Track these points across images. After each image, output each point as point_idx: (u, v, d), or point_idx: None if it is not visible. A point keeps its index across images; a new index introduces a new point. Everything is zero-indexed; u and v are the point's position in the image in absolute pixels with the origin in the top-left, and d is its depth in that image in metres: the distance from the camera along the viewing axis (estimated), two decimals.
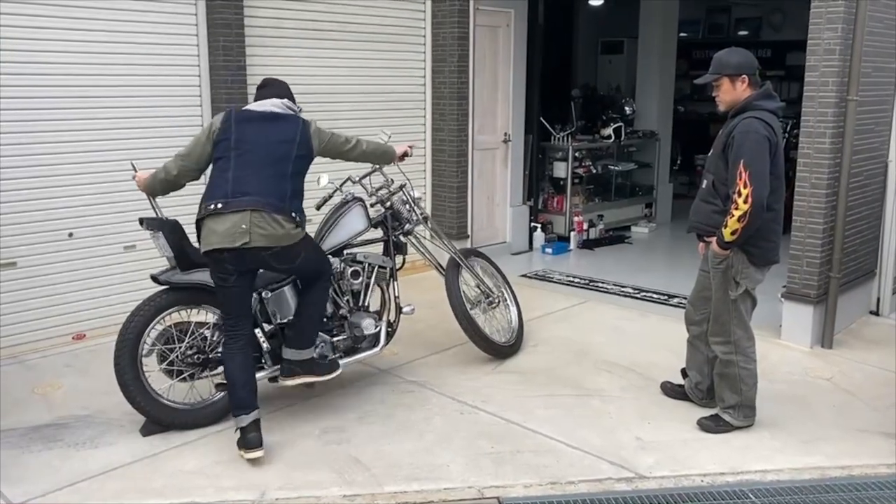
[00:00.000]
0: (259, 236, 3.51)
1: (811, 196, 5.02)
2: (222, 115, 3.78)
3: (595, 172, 8.88)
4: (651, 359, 4.91)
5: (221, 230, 3.51)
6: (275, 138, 3.68)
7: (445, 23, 7.00)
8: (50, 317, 5.07)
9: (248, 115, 3.76)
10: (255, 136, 3.66)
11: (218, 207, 3.53)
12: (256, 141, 3.65)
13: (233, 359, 3.70)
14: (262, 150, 3.64)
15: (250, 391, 3.70)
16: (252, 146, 3.64)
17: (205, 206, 3.59)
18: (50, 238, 5.02)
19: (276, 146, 3.67)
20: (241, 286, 3.68)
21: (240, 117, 3.73)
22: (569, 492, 3.41)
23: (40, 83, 4.87)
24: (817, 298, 5.10)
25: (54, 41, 4.89)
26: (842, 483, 3.49)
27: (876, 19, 5.13)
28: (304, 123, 3.80)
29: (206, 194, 3.64)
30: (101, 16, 5.05)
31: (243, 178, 3.58)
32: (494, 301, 5.01)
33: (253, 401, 3.68)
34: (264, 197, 3.54)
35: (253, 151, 3.63)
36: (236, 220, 3.50)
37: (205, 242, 3.59)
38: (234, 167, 3.60)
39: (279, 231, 3.56)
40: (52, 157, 4.97)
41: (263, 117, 3.74)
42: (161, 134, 5.36)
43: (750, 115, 3.66)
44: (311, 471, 3.55)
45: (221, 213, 3.52)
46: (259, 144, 3.65)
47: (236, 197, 3.53)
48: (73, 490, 3.37)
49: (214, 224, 3.53)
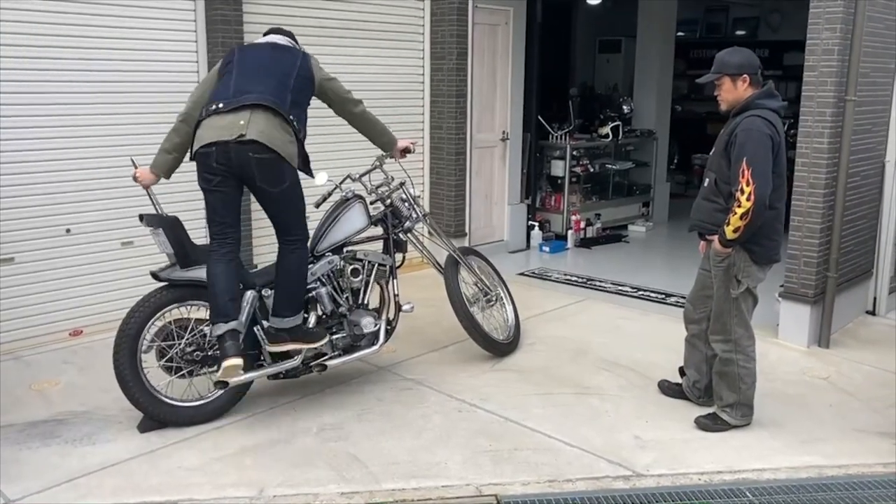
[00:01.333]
0: (256, 131, 3.51)
1: (809, 196, 5.03)
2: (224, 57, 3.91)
3: (592, 171, 8.88)
4: (649, 357, 4.92)
5: (219, 125, 3.54)
6: (277, 57, 3.80)
7: (444, 20, 6.99)
8: (47, 313, 5.06)
9: (251, 45, 3.94)
10: (258, 56, 3.80)
11: (219, 107, 3.57)
12: (259, 58, 3.78)
13: (216, 265, 3.68)
14: (264, 63, 3.75)
15: (230, 300, 3.68)
16: (254, 61, 3.75)
17: (205, 110, 3.61)
18: (47, 234, 5.01)
19: (279, 62, 3.78)
20: (227, 189, 3.65)
21: (242, 47, 3.91)
22: (567, 490, 3.42)
23: (37, 79, 4.85)
24: (815, 298, 5.12)
25: (51, 37, 4.87)
26: (839, 482, 3.50)
27: (875, 20, 5.14)
28: (305, 54, 3.91)
29: (208, 101, 3.67)
30: (98, 11, 5.04)
31: (245, 82, 3.65)
32: (492, 299, 5.01)
33: (232, 311, 3.67)
34: (267, 94, 3.59)
35: (255, 63, 3.74)
36: (236, 117, 3.54)
37: (198, 141, 3.59)
38: (235, 76, 3.69)
39: (275, 133, 3.57)
40: (50, 153, 4.96)
41: (265, 46, 3.89)
42: (159, 130, 5.25)
43: (752, 114, 3.67)
44: (310, 468, 3.55)
45: (221, 112, 3.56)
46: (262, 60, 3.77)
47: (237, 96, 3.58)
48: (71, 486, 3.36)
49: (212, 121, 3.57)
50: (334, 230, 4.27)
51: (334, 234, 4.27)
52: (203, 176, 3.63)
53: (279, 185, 3.66)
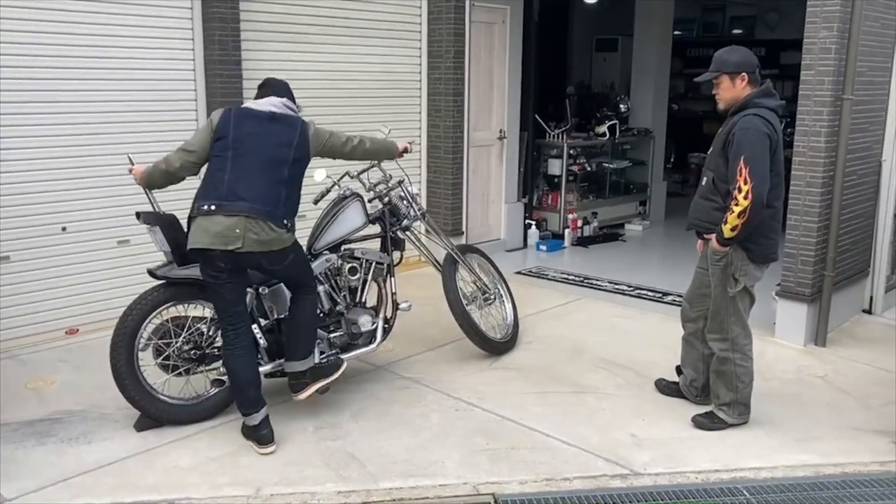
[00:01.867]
0: (252, 241, 3.50)
1: (806, 194, 5.04)
2: (221, 111, 3.75)
3: (589, 170, 8.89)
4: (646, 356, 4.92)
5: (213, 231, 3.48)
6: (273, 140, 3.65)
7: (441, 19, 6.99)
8: (43, 311, 5.04)
9: (247, 113, 3.74)
10: (253, 138, 3.63)
11: (211, 209, 3.51)
12: (253, 143, 3.63)
13: (237, 359, 3.70)
14: (258, 153, 3.62)
15: (257, 388, 3.73)
16: (249, 148, 3.61)
17: (197, 206, 3.56)
18: (43, 232, 4.99)
19: (274, 149, 3.64)
20: (235, 282, 3.66)
21: (239, 115, 3.71)
22: (564, 488, 3.42)
23: (33, 76, 4.83)
24: (811, 297, 5.12)
25: (47, 34, 4.85)
26: (835, 480, 3.51)
27: (872, 18, 5.15)
28: (304, 125, 3.76)
29: (200, 193, 3.61)
30: (95, 9, 5.02)
31: (238, 181, 3.55)
32: (490, 297, 5.01)
33: (261, 398, 3.73)
34: (258, 204, 3.52)
35: (250, 153, 3.61)
36: (230, 224, 3.48)
37: (194, 239, 3.55)
38: (230, 169, 3.58)
39: (271, 236, 3.55)
40: (46, 151, 4.94)
41: (262, 117, 3.71)
42: (156, 128, 5.34)
43: (750, 113, 3.67)
44: (307, 467, 3.55)
45: (213, 214, 3.50)
46: (256, 147, 3.62)
47: (230, 201, 3.51)
48: (67, 485, 3.35)
49: (206, 223, 3.51)
50: (332, 228, 4.26)
51: (332, 232, 4.26)
52: (208, 272, 3.61)
53: (284, 261, 3.71)
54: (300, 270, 3.86)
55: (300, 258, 3.86)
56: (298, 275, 3.86)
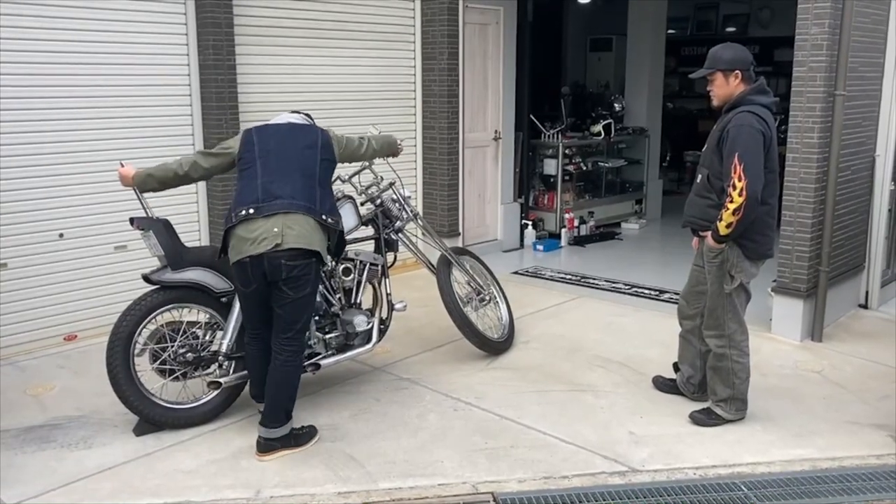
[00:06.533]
0: (293, 237, 3.47)
1: (800, 191, 5.05)
2: (241, 134, 3.78)
3: (585, 169, 8.91)
4: (643, 354, 4.94)
5: (252, 236, 3.47)
6: (298, 144, 3.69)
7: (435, 21, 7.00)
8: (41, 318, 5.04)
9: (267, 128, 3.78)
10: (279, 145, 3.67)
11: (250, 213, 3.50)
12: (281, 149, 3.65)
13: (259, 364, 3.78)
14: (287, 157, 3.64)
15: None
16: (277, 153, 3.64)
17: (235, 214, 3.54)
18: (40, 239, 5.00)
19: (301, 152, 3.67)
20: (263, 291, 3.60)
21: (260, 131, 3.75)
22: (563, 486, 3.43)
23: (29, 83, 4.84)
24: (807, 292, 5.14)
25: (44, 41, 4.86)
26: (833, 474, 3.52)
27: (862, 14, 5.17)
28: (323, 131, 3.83)
29: (235, 202, 3.59)
30: (90, 15, 5.03)
31: (272, 183, 3.56)
32: (485, 298, 5.02)
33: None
34: (296, 199, 3.53)
35: (279, 158, 3.63)
36: (269, 225, 3.47)
37: (235, 251, 3.53)
38: (261, 174, 3.59)
39: (314, 235, 3.54)
40: (42, 158, 4.95)
41: (283, 128, 3.77)
42: (151, 133, 5.35)
43: (744, 110, 3.69)
44: (306, 468, 3.55)
45: (253, 219, 3.49)
46: (284, 152, 3.65)
47: (267, 201, 3.51)
48: (68, 490, 3.36)
49: (245, 231, 3.49)
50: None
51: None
52: (241, 281, 3.61)
53: (301, 291, 3.59)
54: (305, 302, 3.65)
55: (310, 303, 3.70)
56: (298, 314, 3.65)
